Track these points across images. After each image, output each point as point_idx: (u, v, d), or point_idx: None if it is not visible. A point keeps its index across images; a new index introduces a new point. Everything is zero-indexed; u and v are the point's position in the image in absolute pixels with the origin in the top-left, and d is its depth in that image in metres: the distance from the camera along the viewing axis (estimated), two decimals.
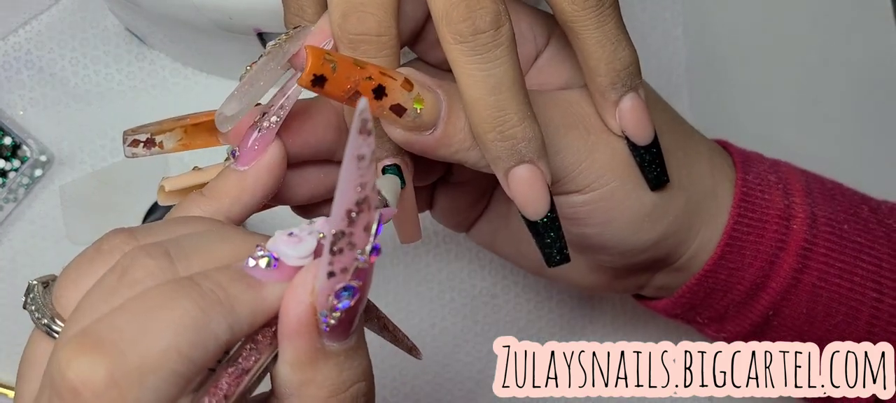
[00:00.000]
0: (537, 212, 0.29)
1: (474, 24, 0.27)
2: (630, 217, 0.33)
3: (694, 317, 0.38)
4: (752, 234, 0.35)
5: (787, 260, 0.35)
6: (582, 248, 0.35)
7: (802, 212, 0.36)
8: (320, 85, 0.26)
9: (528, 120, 0.28)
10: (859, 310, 0.36)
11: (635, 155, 0.32)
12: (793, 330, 0.37)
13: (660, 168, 0.32)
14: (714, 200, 0.35)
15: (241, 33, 0.42)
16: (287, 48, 0.28)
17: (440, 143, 0.29)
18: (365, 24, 0.27)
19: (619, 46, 0.30)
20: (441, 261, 0.51)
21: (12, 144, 0.49)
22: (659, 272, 0.38)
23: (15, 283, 0.50)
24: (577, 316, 0.52)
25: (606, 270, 0.38)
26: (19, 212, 0.50)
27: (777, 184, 0.37)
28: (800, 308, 0.36)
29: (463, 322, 0.51)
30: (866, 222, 0.37)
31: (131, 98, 0.51)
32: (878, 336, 0.37)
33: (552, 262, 0.30)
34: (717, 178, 0.36)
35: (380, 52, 0.28)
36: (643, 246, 0.34)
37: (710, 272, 0.36)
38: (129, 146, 0.29)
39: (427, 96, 0.28)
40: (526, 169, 0.28)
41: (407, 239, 0.32)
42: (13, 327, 0.50)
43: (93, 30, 0.50)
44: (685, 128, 0.37)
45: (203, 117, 0.29)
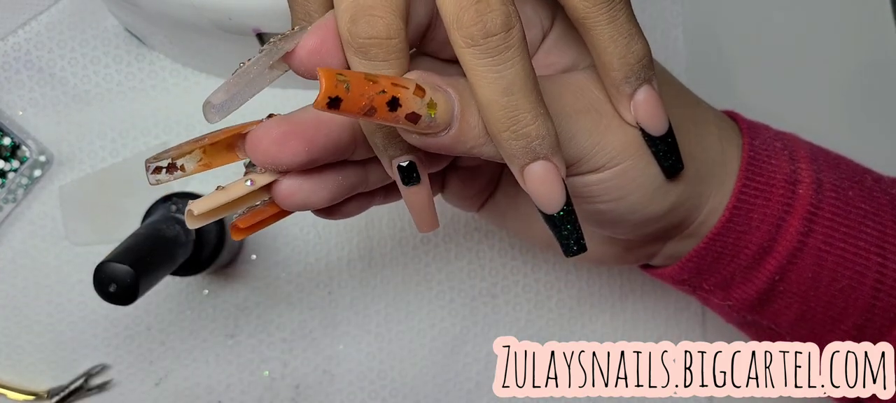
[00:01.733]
0: (553, 207, 0.30)
1: (485, 28, 0.27)
2: (643, 191, 0.33)
3: (700, 283, 0.38)
4: (759, 198, 0.36)
5: (794, 223, 0.36)
6: (597, 223, 0.35)
7: (808, 177, 0.36)
8: (336, 106, 0.26)
9: (541, 117, 0.28)
10: (864, 275, 0.37)
11: (650, 145, 0.33)
12: (798, 296, 0.37)
13: (675, 156, 0.33)
14: (723, 167, 0.36)
15: (240, 33, 0.42)
16: (282, 46, 0.28)
17: (456, 141, 0.29)
18: (375, 28, 0.27)
19: (631, 40, 0.30)
20: (441, 261, 0.51)
21: (12, 144, 0.49)
22: (670, 241, 0.38)
23: (15, 283, 0.50)
24: (576, 315, 0.52)
25: (618, 242, 0.38)
26: (19, 213, 0.50)
27: (783, 151, 0.37)
28: (805, 272, 0.36)
29: (463, 322, 0.51)
30: (870, 190, 0.38)
31: (131, 98, 0.51)
32: (883, 301, 0.37)
33: (570, 252, 0.31)
34: (725, 146, 0.36)
35: (390, 56, 0.28)
36: (655, 216, 0.34)
37: (718, 235, 0.36)
38: (153, 173, 0.29)
39: (439, 97, 0.28)
40: (541, 165, 0.29)
41: (426, 228, 0.32)
42: (13, 327, 0.50)
43: (92, 30, 0.50)
44: (692, 98, 0.37)
45: (220, 135, 0.29)
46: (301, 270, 0.51)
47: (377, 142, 0.30)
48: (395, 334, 0.51)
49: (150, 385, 0.50)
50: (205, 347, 0.51)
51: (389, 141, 0.30)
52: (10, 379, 0.50)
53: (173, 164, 0.29)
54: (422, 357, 0.51)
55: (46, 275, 0.50)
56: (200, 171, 0.29)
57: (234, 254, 0.50)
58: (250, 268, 0.51)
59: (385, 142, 0.30)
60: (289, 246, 0.51)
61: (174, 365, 0.50)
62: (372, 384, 0.51)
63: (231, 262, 0.50)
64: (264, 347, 0.51)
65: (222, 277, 0.51)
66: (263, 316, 0.51)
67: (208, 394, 0.51)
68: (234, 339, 0.51)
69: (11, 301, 0.50)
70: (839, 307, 0.37)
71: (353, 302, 0.51)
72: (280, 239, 0.51)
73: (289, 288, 0.51)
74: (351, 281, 0.51)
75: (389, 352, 0.51)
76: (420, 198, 0.31)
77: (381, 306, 0.51)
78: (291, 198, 0.30)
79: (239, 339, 0.51)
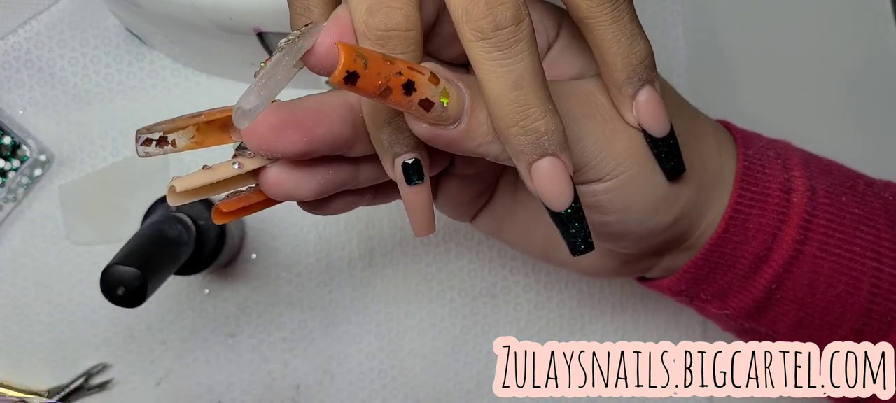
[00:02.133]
0: (562, 204, 0.29)
1: (495, 21, 0.27)
2: (649, 201, 0.33)
3: (698, 294, 0.38)
4: (754, 208, 0.36)
5: (789, 231, 0.36)
6: (603, 236, 0.35)
7: (802, 185, 0.36)
8: (352, 82, 0.26)
9: (550, 113, 0.28)
10: (860, 280, 0.37)
11: (652, 146, 0.33)
12: (795, 303, 0.37)
13: (676, 158, 0.33)
14: (721, 178, 0.36)
15: (240, 33, 0.42)
16: (301, 44, 0.27)
17: (464, 136, 0.29)
18: (393, 20, 0.27)
19: (634, 41, 0.30)
20: (441, 261, 0.51)
21: (12, 144, 0.49)
22: (668, 254, 0.38)
23: (15, 283, 0.50)
24: (577, 316, 0.52)
25: (616, 255, 0.38)
26: (19, 212, 0.50)
27: (776, 159, 0.37)
28: (802, 279, 0.36)
29: (463, 322, 0.51)
30: (863, 195, 0.38)
31: (131, 98, 0.51)
32: (880, 304, 0.37)
33: (577, 251, 0.30)
34: (723, 157, 0.36)
35: (407, 47, 0.28)
36: (660, 228, 0.34)
37: (715, 246, 0.36)
38: (142, 144, 0.28)
39: (451, 90, 0.28)
40: (549, 161, 0.29)
41: (423, 231, 0.32)
42: (13, 327, 0.50)
43: (93, 30, 0.50)
44: (691, 110, 0.37)
45: (217, 114, 0.29)
46: (301, 270, 0.51)
47: (383, 138, 0.30)
48: (395, 334, 0.51)
49: (151, 384, 0.50)
50: (205, 346, 0.51)
51: (396, 137, 0.30)
52: (10, 379, 0.50)
53: (165, 138, 0.28)
54: (422, 357, 0.51)
55: (47, 275, 0.50)
56: (191, 149, 0.29)
57: (234, 254, 0.50)
58: (251, 268, 0.51)
59: (392, 138, 0.30)
60: (289, 245, 0.51)
61: (175, 365, 0.50)
62: (372, 384, 0.51)
63: (231, 262, 0.51)
64: (265, 347, 0.51)
65: (223, 277, 0.51)
66: (264, 316, 0.51)
67: (209, 394, 0.51)
68: (234, 339, 0.51)
69: (11, 300, 0.50)
70: (836, 312, 0.37)
71: (353, 302, 0.51)
72: (280, 238, 0.51)
73: (289, 287, 0.51)
74: (351, 280, 0.51)
75: (389, 352, 0.51)
76: (421, 199, 0.31)
77: (381, 306, 0.51)
78: (278, 186, 0.30)
79: (239, 339, 0.51)
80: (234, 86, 0.50)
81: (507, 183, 0.38)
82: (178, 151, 0.28)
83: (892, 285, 0.37)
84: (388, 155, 0.30)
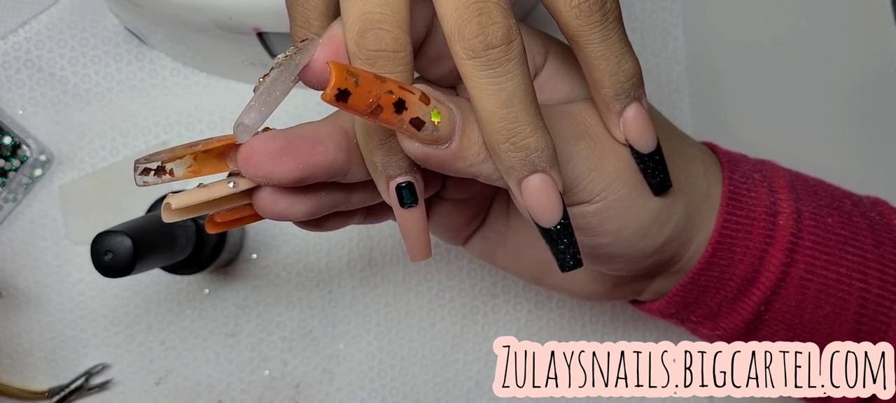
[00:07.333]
0: (551, 220, 0.30)
1: (487, 40, 0.27)
2: (639, 223, 0.34)
3: (688, 316, 0.39)
4: (741, 231, 0.36)
5: (776, 254, 0.36)
6: (594, 259, 0.35)
7: (788, 208, 0.37)
8: (344, 100, 0.26)
9: (540, 130, 0.28)
10: (847, 301, 0.37)
11: (639, 162, 0.33)
12: (784, 323, 0.37)
13: (663, 174, 0.33)
14: (708, 201, 0.36)
15: (240, 33, 0.42)
16: (298, 60, 0.28)
17: (456, 156, 0.29)
18: (382, 41, 0.28)
19: (622, 59, 0.31)
20: (441, 261, 0.51)
21: (12, 144, 0.49)
22: (658, 277, 0.38)
23: (15, 283, 0.50)
24: (577, 316, 0.52)
25: (607, 279, 0.38)
26: (19, 212, 0.50)
27: (762, 182, 0.37)
28: (789, 301, 0.37)
29: (463, 322, 0.51)
30: (849, 215, 0.38)
31: (131, 97, 0.51)
32: (867, 324, 0.37)
33: (566, 267, 0.31)
34: (709, 180, 0.37)
35: (396, 68, 0.28)
36: (650, 250, 0.35)
37: (703, 270, 0.36)
38: (140, 174, 0.29)
39: (442, 110, 0.28)
40: (539, 178, 0.29)
41: (420, 255, 0.32)
42: (13, 327, 0.50)
43: (93, 30, 0.50)
44: (678, 133, 0.38)
45: (214, 143, 0.29)
46: (301, 270, 0.51)
47: (376, 161, 0.30)
48: (395, 334, 0.51)
49: (151, 383, 0.50)
50: (205, 346, 0.51)
51: (390, 159, 0.30)
52: (10, 379, 0.50)
53: (162, 167, 0.29)
54: (422, 357, 0.51)
55: (47, 275, 0.50)
56: (188, 178, 0.29)
57: (234, 254, 0.50)
58: (251, 267, 0.51)
59: (385, 160, 0.30)
60: (289, 245, 0.51)
61: (174, 364, 0.50)
62: (372, 383, 0.51)
63: (231, 261, 0.51)
64: (264, 346, 0.51)
65: (223, 276, 0.51)
66: (263, 316, 0.51)
67: (209, 393, 0.51)
68: (234, 338, 0.51)
69: (11, 300, 0.50)
70: (824, 332, 0.37)
71: (353, 302, 0.51)
72: (280, 238, 0.51)
73: (289, 287, 0.51)
74: (351, 280, 0.51)
75: (389, 352, 0.51)
76: (416, 223, 0.31)
77: (381, 306, 0.52)
78: (271, 207, 0.30)
79: (239, 338, 0.51)
80: (233, 85, 0.50)
81: (500, 208, 0.38)
82: (176, 180, 0.29)
83: (879, 305, 0.37)
84: (382, 178, 0.30)
